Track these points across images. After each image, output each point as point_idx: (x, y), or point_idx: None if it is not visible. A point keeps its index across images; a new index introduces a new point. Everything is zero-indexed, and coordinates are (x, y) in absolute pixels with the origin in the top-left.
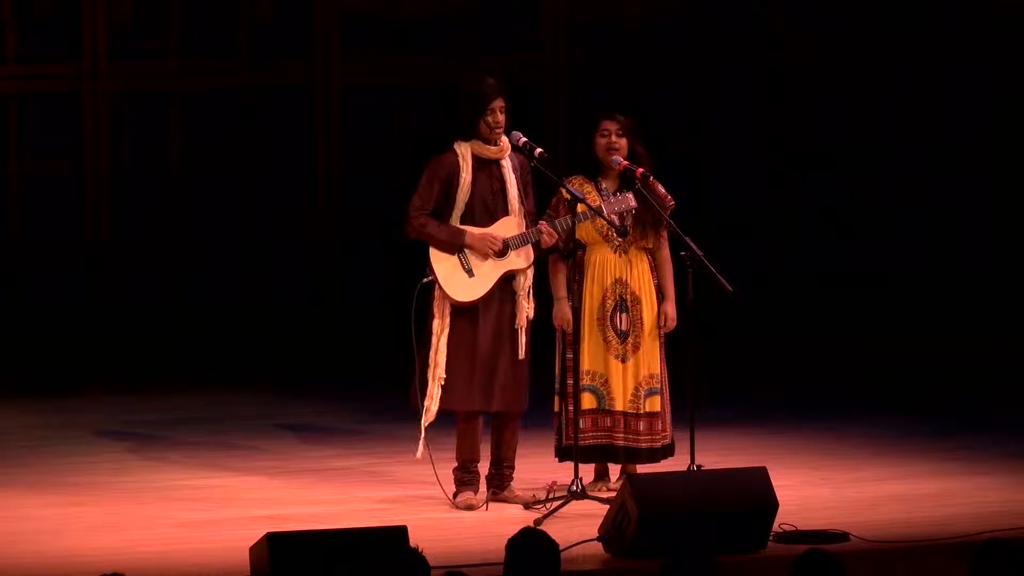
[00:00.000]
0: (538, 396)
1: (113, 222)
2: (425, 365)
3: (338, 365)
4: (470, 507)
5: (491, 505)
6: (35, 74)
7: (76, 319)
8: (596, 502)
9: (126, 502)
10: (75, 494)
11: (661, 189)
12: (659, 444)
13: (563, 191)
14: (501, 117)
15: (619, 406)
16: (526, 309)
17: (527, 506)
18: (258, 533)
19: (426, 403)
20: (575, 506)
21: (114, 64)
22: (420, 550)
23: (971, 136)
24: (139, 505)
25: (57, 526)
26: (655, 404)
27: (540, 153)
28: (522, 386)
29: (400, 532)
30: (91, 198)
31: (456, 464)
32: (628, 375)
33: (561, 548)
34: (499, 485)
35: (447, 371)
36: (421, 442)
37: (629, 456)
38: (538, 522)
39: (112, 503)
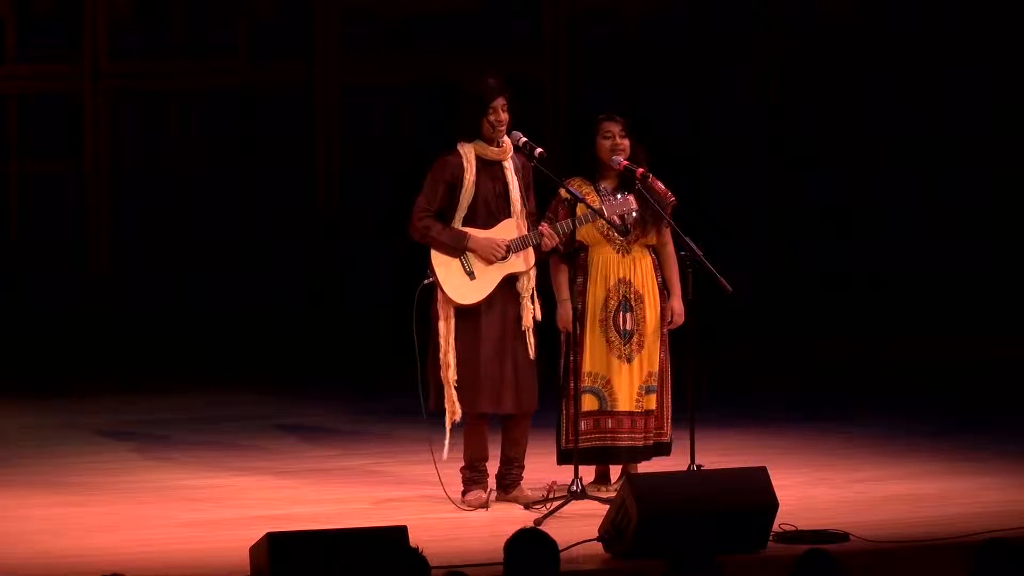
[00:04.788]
0: (541, 397)
1: (113, 222)
2: (436, 367)
3: (338, 365)
4: (481, 505)
5: (493, 504)
6: (35, 74)
7: (76, 319)
8: (596, 502)
9: (126, 502)
10: (75, 494)
11: (661, 186)
12: (652, 441)
13: (562, 192)
14: (504, 115)
15: (624, 406)
16: (531, 310)
17: (527, 506)
18: (258, 533)
19: (447, 405)
20: (575, 506)
21: (114, 64)
22: (420, 550)
23: (971, 136)
24: (139, 505)
25: (57, 526)
26: (652, 402)
27: (540, 153)
28: (532, 386)
29: (400, 532)
30: (91, 198)
31: (464, 463)
32: (634, 374)
33: (561, 548)
34: (509, 484)
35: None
36: (447, 444)
37: (632, 456)
38: (538, 522)
39: (112, 503)
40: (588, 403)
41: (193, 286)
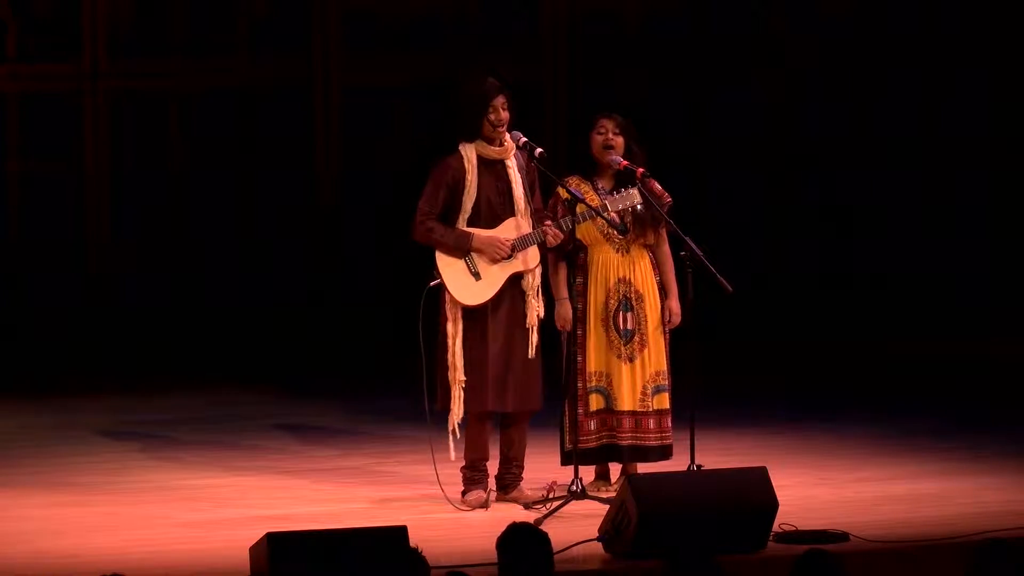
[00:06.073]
0: (544, 396)
1: (113, 222)
2: (444, 368)
3: (338, 365)
4: (481, 505)
5: (493, 504)
6: (35, 74)
7: (76, 319)
8: (596, 502)
9: (126, 502)
10: (75, 494)
11: (658, 187)
12: (668, 442)
13: (561, 191)
14: (504, 114)
15: (626, 405)
16: (536, 308)
17: (527, 506)
18: (258, 533)
19: (452, 406)
20: (575, 506)
21: (114, 64)
22: (420, 550)
23: (971, 136)
24: (139, 505)
25: (57, 526)
26: (663, 401)
27: (540, 153)
28: (534, 385)
29: (400, 532)
30: (91, 198)
31: (464, 463)
32: (636, 374)
33: (561, 548)
34: (508, 484)
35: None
36: (452, 445)
37: (635, 455)
38: (538, 522)
39: (112, 503)
40: (595, 402)
41: (193, 286)
